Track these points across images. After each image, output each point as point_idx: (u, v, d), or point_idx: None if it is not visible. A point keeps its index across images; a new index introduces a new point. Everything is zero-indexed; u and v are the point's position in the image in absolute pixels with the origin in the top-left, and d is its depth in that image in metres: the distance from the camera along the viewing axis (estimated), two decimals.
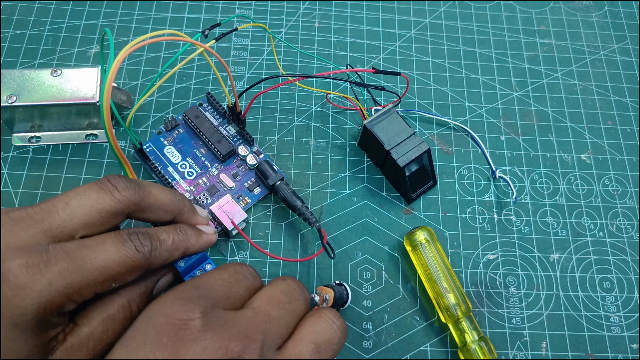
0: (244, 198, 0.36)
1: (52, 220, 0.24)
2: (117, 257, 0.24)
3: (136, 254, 0.25)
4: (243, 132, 0.37)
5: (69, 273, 0.23)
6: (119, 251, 0.25)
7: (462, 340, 0.32)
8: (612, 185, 0.39)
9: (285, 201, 0.34)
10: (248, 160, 0.37)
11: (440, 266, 0.33)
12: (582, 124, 0.42)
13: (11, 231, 0.23)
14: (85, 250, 0.24)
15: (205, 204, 0.35)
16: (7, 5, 0.42)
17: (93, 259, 0.24)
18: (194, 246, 0.29)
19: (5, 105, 0.34)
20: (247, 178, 0.37)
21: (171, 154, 0.37)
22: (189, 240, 0.29)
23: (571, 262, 0.36)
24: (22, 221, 0.24)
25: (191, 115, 0.37)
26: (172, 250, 0.28)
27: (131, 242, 0.25)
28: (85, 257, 0.24)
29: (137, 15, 0.43)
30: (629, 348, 0.34)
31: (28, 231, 0.23)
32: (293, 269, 0.35)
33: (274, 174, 0.35)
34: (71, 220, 0.24)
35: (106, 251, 0.24)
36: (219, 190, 0.36)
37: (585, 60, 0.44)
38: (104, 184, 0.26)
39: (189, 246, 0.29)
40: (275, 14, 0.44)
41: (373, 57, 0.43)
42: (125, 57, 0.25)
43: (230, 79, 0.33)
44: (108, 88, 0.25)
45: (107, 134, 0.26)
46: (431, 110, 0.41)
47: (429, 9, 0.46)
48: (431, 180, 0.38)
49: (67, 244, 0.24)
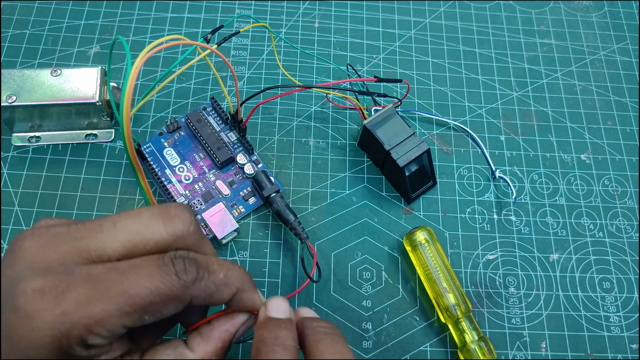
0: (238, 207, 0.36)
1: (92, 240, 0.21)
2: (149, 283, 0.20)
3: (174, 281, 0.21)
4: (243, 141, 0.37)
5: (87, 301, 0.20)
6: (152, 276, 0.21)
7: (462, 340, 0.32)
8: (612, 186, 0.39)
9: (278, 214, 0.34)
10: (246, 169, 0.36)
11: (440, 266, 0.33)
12: (581, 124, 0.42)
13: (43, 248, 0.21)
14: (113, 274, 0.20)
15: (199, 209, 0.35)
16: (7, 5, 0.42)
17: (120, 285, 0.20)
18: (247, 295, 0.24)
19: (5, 105, 0.34)
20: (243, 187, 0.36)
21: (170, 156, 0.37)
22: (245, 284, 0.24)
23: (571, 262, 0.36)
24: (58, 237, 0.21)
25: (193, 119, 0.37)
26: (221, 285, 0.23)
27: (172, 265, 0.21)
28: (110, 282, 0.20)
29: (137, 15, 0.43)
30: (628, 348, 0.34)
31: (60, 249, 0.21)
32: (292, 269, 0.35)
33: (270, 186, 0.35)
34: (112, 244, 0.21)
35: (137, 275, 0.20)
36: (213, 197, 0.36)
37: (585, 61, 0.44)
38: (167, 216, 0.22)
39: (244, 289, 0.24)
40: (275, 14, 0.44)
41: (373, 57, 0.43)
42: (138, 71, 0.24)
43: (236, 89, 0.33)
44: (127, 100, 0.23)
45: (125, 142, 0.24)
46: (431, 111, 0.41)
47: (428, 9, 0.46)
48: (431, 180, 0.38)
49: (97, 266, 0.21)
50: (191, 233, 0.23)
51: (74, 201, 0.36)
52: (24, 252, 0.21)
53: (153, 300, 0.20)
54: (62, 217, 0.23)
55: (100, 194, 0.36)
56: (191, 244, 0.23)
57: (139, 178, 0.27)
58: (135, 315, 0.20)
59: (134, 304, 0.20)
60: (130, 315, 0.20)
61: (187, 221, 0.23)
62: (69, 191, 0.36)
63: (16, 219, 0.35)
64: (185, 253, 0.22)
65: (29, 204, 0.35)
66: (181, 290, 0.21)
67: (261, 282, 0.34)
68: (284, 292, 0.34)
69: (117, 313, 0.20)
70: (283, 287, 0.34)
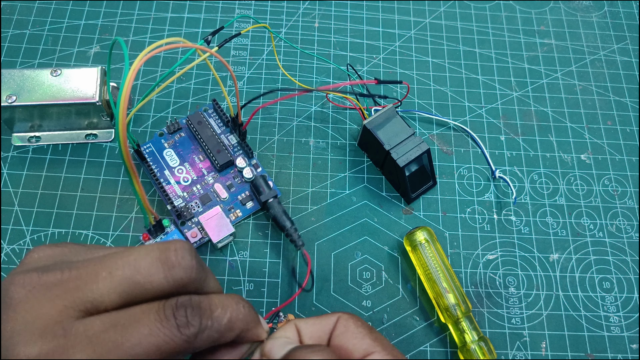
0: (235, 211, 0.36)
1: (88, 293, 0.20)
2: (152, 341, 0.20)
3: (177, 337, 0.20)
4: (243, 144, 0.37)
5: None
6: (154, 333, 0.20)
7: (462, 340, 0.32)
8: (612, 186, 0.39)
9: (274, 219, 0.34)
10: (245, 173, 0.36)
11: (440, 266, 0.33)
12: (581, 124, 0.42)
13: (38, 302, 0.20)
14: (112, 333, 0.19)
15: (196, 212, 0.35)
16: (7, 5, 0.42)
17: (120, 344, 0.19)
18: (250, 333, 0.23)
19: (5, 105, 0.34)
20: (241, 190, 0.36)
21: (170, 157, 0.37)
22: (249, 323, 0.23)
23: (571, 262, 0.36)
24: (53, 288, 0.20)
25: (194, 120, 0.37)
26: (225, 331, 0.22)
27: (174, 319, 0.20)
28: (110, 344, 0.19)
29: (137, 15, 0.43)
30: (628, 348, 0.34)
31: (56, 305, 0.20)
32: (292, 267, 0.35)
33: (268, 191, 0.35)
34: (110, 295, 0.20)
35: (139, 334, 0.20)
36: (211, 199, 0.36)
37: (585, 61, 0.44)
38: (167, 264, 0.21)
39: (249, 328, 0.23)
40: (275, 14, 0.44)
41: (373, 57, 0.43)
42: (135, 73, 0.24)
43: (236, 92, 0.33)
44: (124, 105, 0.23)
45: (120, 145, 0.24)
46: (431, 111, 0.41)
47: (428, 9, 0.46)
48: (431, 181, 0.38)
49: (94, 322, 0.20)
50: (193, 279, 0.22)
51: (74, 201, 0.36)
52: (19, 308, 0.20)
53: (156, 359, 0.20)
54: (53, 246, 0.22)
55: (100, 194, 0.36)
56: (194, 288, 0.22)
57: (133, 183, 0.27)
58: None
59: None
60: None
61: (189, 268, 0.21)
62: (69, 191, 0.36)
63: (16, 219, 0.35)
64: (187, 300, 0.21)
65: (29, 204, 0.35)
66: (185, 346, 0.20)
67: (261, 282, 0.34)
68: (284, 292, 0.34)
69: None
70: (283, 287, 0.34)
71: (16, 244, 0.34)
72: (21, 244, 0.34)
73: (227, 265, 0.35)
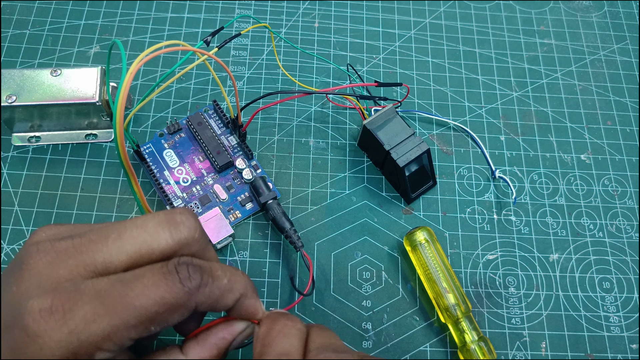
0: (235, 212, 0.36)
1: (98, 253, 0.21)
2: (156, 294, 0.21)
3: (179, 289, 0.21)
4: (243, 146, 0.37)
5: (94, 318, 0.20)
6: (158, 286, 0.21)
7: (462, 340, 0.32)
8: (612, 186, 0.39)
9: (274, 221, 0.34)
10: (244, 174, 0.36)
11: (440, 266, 0.33)
12: (581, 124, 0.42)
13: (50, 265, 0.21)
14: (118, 287, 0.20)
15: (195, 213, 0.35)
16: (7, 5, 0.42)
17: (125, 298, 0.20)
18: (249, 301, 0.24)
19: (5, 105, 0.34)
20: (241, 192, 0.36)
21: (169, 157, 0.37)
22: (248, 290, 0.24)
23: (571, 262, 0.36)
24: (65, 253, 0.21)
25: (194, 121, 0.37)
26: (225, 291, 0.23)
27: (176, 273, 0.21)
28: (116, 296, 0.20)
29: (137, 15, 0.43)
30: (628, 348, 0.34)
31: (67, 266, 0.21)
32: (291, 269, 0.35)
33: (267, 192, 0.35)
34: (119, 256, 0.21)
35: (143, 287, 0.21)
36: (210, 200, 0.36)
37: (585, 61, 0.44)
38: (173, 223, 0.22)
39: (247, 295, 0.24)
40: (275, 14, 0.44)
41: (373, 57, 0.43)
42: (133, 77, 0.24)
43: (236, 95, 0.33)
44: (120, 109, 0.23)
45: (117, 146, 0.24)
46: (431, 111, 0.41)
47: (428, 9, 0.46)
48: (431, 181, 0.38)
49: (102, 280, 0.21)
50: (196, 239, 0.23)
51: (74, 201, 0.36)
52: (32, 270, 0.21)
53: (159, 310, 0.21)
54: (61, 224, 0.23)
55: (100, 194, 0.36)
56: (195, 250, 0.23)
57: (131, 183, 0.27)
58: (142, 327, 0.20)
59: (140, 315, 0.20)
60: (137, 328, 0.20)
61: (193, 227, 0.23)
62: (69, 191, 0.36)
63: (16, 219, 0.35)
64: (188, 259, 0.22)
65: (28, 204, 0.35)
66: (186, 298, 0.21)
67: (261, 282, 0.34)
68: (284, 292, 0.34)
69: (124, 327, 0.20)
70: (283, 287, 0.34)
71: (16, 244, 0.34)
72: (21, 244, 0.34)
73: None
